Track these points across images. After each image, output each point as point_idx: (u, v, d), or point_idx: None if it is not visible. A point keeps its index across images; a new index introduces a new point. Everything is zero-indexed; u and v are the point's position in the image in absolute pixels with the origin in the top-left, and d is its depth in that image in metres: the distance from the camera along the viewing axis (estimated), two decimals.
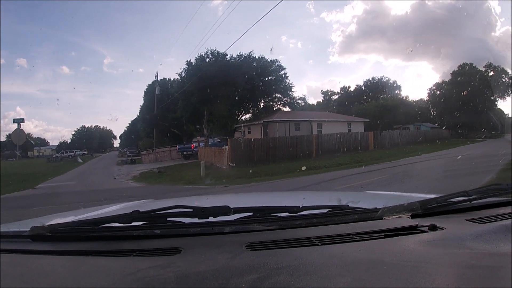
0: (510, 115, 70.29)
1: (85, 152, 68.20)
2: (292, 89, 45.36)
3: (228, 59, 35.97)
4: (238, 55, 37.34)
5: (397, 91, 72.73)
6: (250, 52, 38.62)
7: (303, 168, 19.12)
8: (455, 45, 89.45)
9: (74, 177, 25.07)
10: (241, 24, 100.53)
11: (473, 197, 1.69)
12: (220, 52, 35.23)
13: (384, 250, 1.26)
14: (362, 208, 1.69)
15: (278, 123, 33.58)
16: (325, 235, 1.39)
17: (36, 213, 8.73)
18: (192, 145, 34.26)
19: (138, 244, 1.43)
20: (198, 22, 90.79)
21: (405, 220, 1.53)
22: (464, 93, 55.68)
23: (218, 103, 34.24)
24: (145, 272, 1.12)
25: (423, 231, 1.42)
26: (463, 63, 59.98)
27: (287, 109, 45.42)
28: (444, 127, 53.64)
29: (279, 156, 23.82)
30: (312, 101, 78.29)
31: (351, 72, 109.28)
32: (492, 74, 59.32)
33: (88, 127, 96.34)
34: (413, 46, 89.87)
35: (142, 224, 1.56)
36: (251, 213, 1.59)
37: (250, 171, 18.51)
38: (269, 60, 43.25)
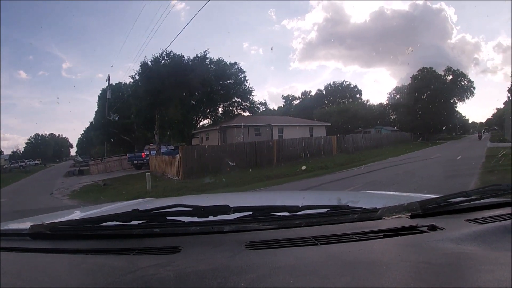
0: (467, 117, 75.71)
1: (38, 162, 63.24)
2: (252, 93, 44.08)
3: (183, 60, 33.17)
4: (194, 57, 34.67)
5: (357, 95, 72.58)
6: (205, 51, 36.00)
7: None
8: (412, 52, 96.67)
9: (9, 192, 22.61)
10: (202, 29, 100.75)
11: (472, 197, 1.69)
12: (177, 53, 32.87)
13: (383, 250, 1.28)
14: (361, 208, 1.69)
15: (236, 128, 31.87)
16: (324, 235, 1.40)
17: None
18: (143, 154, 31.36)
19: (138, 243, 1.45)
20: (160, 27, 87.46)
21: (405, 220, 1.54)
22: (424, 97, 57.50)
23: (171, 107, 31.56)
24: (145, 271, 1.14)
25: (422, 231, 1.42)
26: (423, 67, 61.71)
27: (247, 114, 44.36)
28: (407, 130, 55.12)
29: (236, 164, 21.80)
30: (273, 106, 79.39)
31: (311, 78, 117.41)
32: (451, 78, 61.89)
33: (42, 135, 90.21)
34: (371, 53, 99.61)
35: (142, 223, 1.56)
36: (251, 212, 1.59)
37: (209, 179, 17.54)
38: (228, 62, 42.26)
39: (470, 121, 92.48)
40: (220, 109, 44.22)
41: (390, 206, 1.63)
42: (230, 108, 44.77)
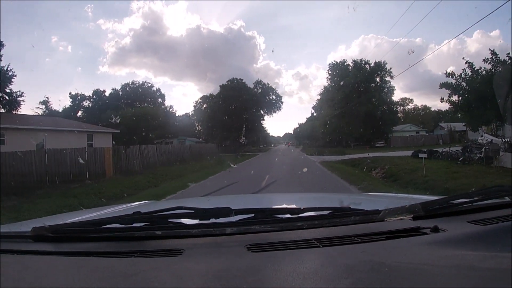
0: (269, 131, 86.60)
1: None
2: (12, 81, 33.99)
3: None
4: None
5: (160, 100, 64.31)
6: None
7: None
8: (220, 71, 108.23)
9: None
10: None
11: (475, 198, 1.74)
12: None
13: (385, 252, 1.30)
14: (363, 210, 1.74)
15: None
16: (326, 237, 1.45)
17: None
18: None
19: (140, 245, 1.50)
20: None
21: (407, 222, 1.57)
22: (233, 108, 57.58)
23: None
24: (146, 273, 1.16)
25: (424, 233, 1.45)
26: (233, 77, 61.92)
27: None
28: (213, 141, 51.96)
29: None
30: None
31: (119, 85, 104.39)
32: (261, 92, 62.89)
33: None
34: (183, 68, 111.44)
35: (144, 225, 1.61)
36: (253, 215, 1.63)
37: None
38: None
39: (271, 135, 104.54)
40: None
41: (392, 208, 1.65)
42: None
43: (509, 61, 19.19)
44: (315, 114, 79.04)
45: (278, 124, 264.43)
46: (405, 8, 80.00)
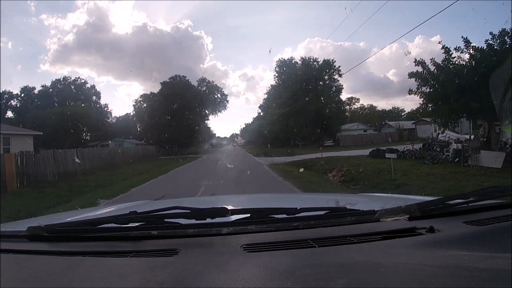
0: (214, 131, 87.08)
1: None
2: None
3: None
4: None
5: (94, 98, 58.74)
6: None
7: None
8: (166, 70, 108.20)
9: None
10: None
11: (470, 199, 1.77)
12: None
13: (381, 252, 1.33)
14: (359, 210, 1.77)
15: None
16: (322, 237, 1.48)
17: None
18: None
19: (135, 245, 1.51)
20: None
21: (403, 223, 1.60)
22: (175, 107, 55.48)
23: None
24: (142, 273, 1.19)
25: (420, 234, 1.48)
26: (175, 74, 59.87)
27: None
28: (154, 143, 49.94)
29: None
30: None
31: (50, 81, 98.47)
32: (205, 90, 61.29)
33: None
34: (128, 67, 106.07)
35: (140, 225, 1.64)
36: (249, 215, 1.66)
37: None
38: None
39: (216, 136, 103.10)
40: None
41: (388, 208, 1.68)
42: None
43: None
44: (262, 114, 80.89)
45: (225, 125, 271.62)
46: (351, 12, 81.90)
